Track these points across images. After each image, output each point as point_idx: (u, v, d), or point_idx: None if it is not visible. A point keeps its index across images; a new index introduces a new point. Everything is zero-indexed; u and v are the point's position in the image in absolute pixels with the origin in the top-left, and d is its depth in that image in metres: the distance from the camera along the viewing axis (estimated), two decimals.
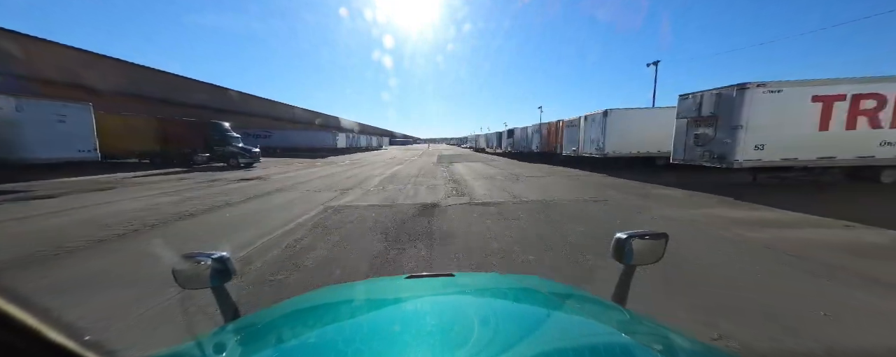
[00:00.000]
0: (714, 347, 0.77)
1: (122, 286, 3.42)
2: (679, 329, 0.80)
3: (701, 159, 10.04)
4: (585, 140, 17.12)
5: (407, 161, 24.66)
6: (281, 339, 0.79)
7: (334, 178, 13.23)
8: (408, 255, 4.28)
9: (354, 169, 17.93)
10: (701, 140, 9.92)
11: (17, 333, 0.41)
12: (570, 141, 19.02)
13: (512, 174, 14.38)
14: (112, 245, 4.80)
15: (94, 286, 3.44)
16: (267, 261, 4.11)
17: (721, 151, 9.32)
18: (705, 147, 9.72)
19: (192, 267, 1.03)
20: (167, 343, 0.83)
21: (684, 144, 10.81)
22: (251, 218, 6.52)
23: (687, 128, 10.61)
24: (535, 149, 24.73)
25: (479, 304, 1.00)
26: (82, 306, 2.99)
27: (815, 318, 2.70)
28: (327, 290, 1.26)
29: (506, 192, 9.50)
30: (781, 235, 5.01)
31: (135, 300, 3.06)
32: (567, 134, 19.42)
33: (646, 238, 1.14)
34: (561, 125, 20.44)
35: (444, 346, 0.67)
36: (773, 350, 2.31)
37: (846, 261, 3.94)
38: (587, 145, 16.88)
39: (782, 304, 2.92)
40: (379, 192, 9.77)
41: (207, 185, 11.14)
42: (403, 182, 12.03)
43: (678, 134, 11.11)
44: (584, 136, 17.30)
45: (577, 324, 0.88)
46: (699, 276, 3.55)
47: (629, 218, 6.26)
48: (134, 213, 6.91)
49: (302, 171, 16.31)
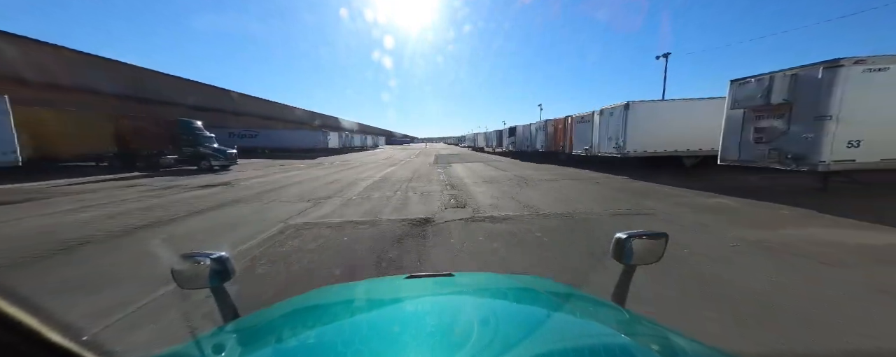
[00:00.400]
0: (714, 348, 0.71)
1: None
2: (678, 329, 0.78)
3: (766, 160, 7.93)
4: (601, 137, 14.96)
5: (401, 162, 22.66)
6: (280, 339, 0.78)
7: (314, 184, 11.32)
8: None
9: (341, 172, 15.92)
10: (767, 135, 7.83)
11: (16, 333, 0.42)
12: (580, 139, 16.93)
13: (519, 177, 12.46)
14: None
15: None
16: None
17: (798, 150, 7.28)
18: (773, 144, 7.68)
19: (192, 267, 1.02)
20: None
21: (740, 141, 8.62)
22: (164, 249, 4.65)
23: (744, 120, 8.47)
24: (541, 148, 22.64)
25: (478, 304, 1.01)
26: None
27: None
28: (327, 290, 1.27)
29: (516, 201, 7.66)
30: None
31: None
32: (578, 131, 17.34)
33: (646, 238, 1.11)
34: (570, 121, 18.39)
35: (443, 346, 0.68)
36: (772, 351, 2.18)
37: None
38: (603, 144, 14.73)
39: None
40: (361, 202, 7.92)
41: (154, 196, 9.20)
42: (393, 187, 10.18)
43: (730, 128, 8.99)
44: (598, 133, 15.15)
45: (577, 324, 0.88)
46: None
47: (706, 244, 4.38)
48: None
49: (280, 176, 14.31)
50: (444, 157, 27.12)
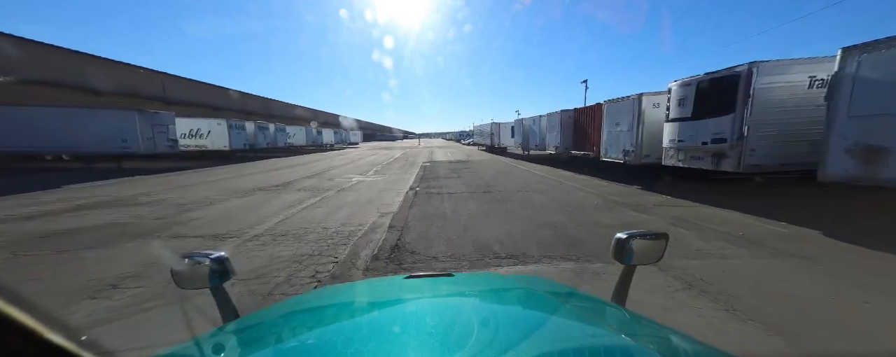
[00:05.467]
0: (714, 348, 0.72)
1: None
2: (678, 329, 0.78)
3: None
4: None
5: (342, 190, 9.20)
6: (280, 339, 0.78)
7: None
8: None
9: None
10: None
11: (15, 334, 0.41)
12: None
13: None
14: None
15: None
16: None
17: None
18: None
19: (191, 267, 1.01)
20: None
21: None
22: None
23: None
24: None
25: (478, 304, 0.99)
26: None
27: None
28: (327, 291, 1.28)
29: None
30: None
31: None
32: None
33: (646, 238, 1.10)
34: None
35: (443, 346, 0.67)
36: (772, 351, 2.18)
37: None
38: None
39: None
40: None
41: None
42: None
43: None
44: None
45: (577, 324, 0.87)
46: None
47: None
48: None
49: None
50: (440, 167, 15.90)
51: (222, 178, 12.18)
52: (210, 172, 14.30)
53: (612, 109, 12.77)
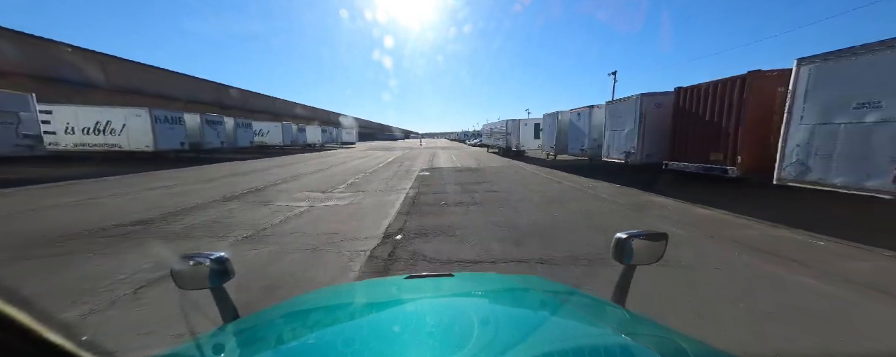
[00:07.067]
0: (714, 348, 0.72)
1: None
2: (678, 329, 0.78)
3: None
4: None
5: None
6: (280, 339, 0.78)
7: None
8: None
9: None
10: None
11: (14, 333, 0.42)
12: None
13: None
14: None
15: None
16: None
17: None
18: None
19: (191, 268, 1.01)
20: None
21: None
22: None
23: None
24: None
25: (479, 304, 0.99)
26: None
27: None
28: (327, 291, 1.26)
29: None
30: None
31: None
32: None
33: (646, 238, 1.10)
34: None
35: (444, 346, 0.67)
36: (773, 351, 2.14)
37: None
38: None
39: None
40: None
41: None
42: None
43: None
44: None
45: (577, 324, 0.87)
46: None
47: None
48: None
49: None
50: (446, 179, 11.35)
51: (282, 164, 8.00)
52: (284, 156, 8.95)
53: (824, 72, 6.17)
